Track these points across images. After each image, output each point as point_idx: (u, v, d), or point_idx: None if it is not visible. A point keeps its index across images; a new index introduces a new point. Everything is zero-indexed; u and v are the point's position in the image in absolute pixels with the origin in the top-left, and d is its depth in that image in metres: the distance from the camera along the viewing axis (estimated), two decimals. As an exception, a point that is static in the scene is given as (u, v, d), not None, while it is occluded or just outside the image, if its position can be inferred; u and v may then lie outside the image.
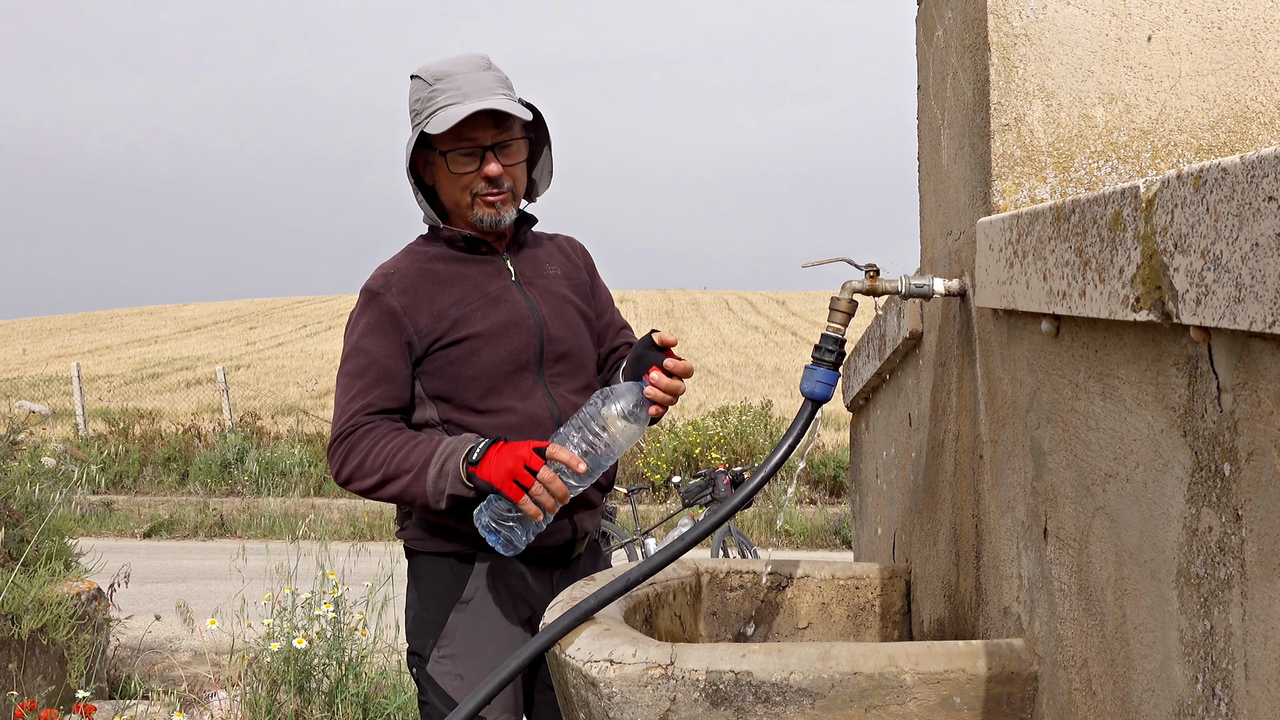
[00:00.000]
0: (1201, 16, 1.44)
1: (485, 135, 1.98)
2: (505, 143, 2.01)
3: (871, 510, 2.53)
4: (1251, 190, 0.72)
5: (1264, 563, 0.77)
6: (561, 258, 2.20)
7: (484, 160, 1.99)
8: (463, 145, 1.98)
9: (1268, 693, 0.77)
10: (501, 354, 2.00)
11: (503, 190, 2.01)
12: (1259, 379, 0.78)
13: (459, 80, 1.98)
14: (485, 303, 2.02)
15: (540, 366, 2.04)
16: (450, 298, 2.01)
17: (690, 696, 1.26)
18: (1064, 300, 1.09)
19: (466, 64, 2.01)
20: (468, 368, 1.98)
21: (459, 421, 1.99)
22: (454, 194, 2.03)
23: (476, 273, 2.06)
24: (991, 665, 1.26)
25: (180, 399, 20.39)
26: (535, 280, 2.11)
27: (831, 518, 10.99)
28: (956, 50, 1.62)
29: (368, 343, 1.99)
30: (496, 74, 2.03)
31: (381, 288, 2.01)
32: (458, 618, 2.01)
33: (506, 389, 2.00)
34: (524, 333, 2.02)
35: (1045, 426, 1.23)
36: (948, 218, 1.71)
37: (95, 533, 10.44)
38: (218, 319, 41.51)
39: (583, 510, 2.08)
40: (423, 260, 2.06)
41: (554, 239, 2.25)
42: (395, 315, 1.98)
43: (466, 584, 2.02)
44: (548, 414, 2.03)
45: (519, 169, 2.05)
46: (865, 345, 2.44)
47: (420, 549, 2.07)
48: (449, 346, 1.99)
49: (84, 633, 4.25)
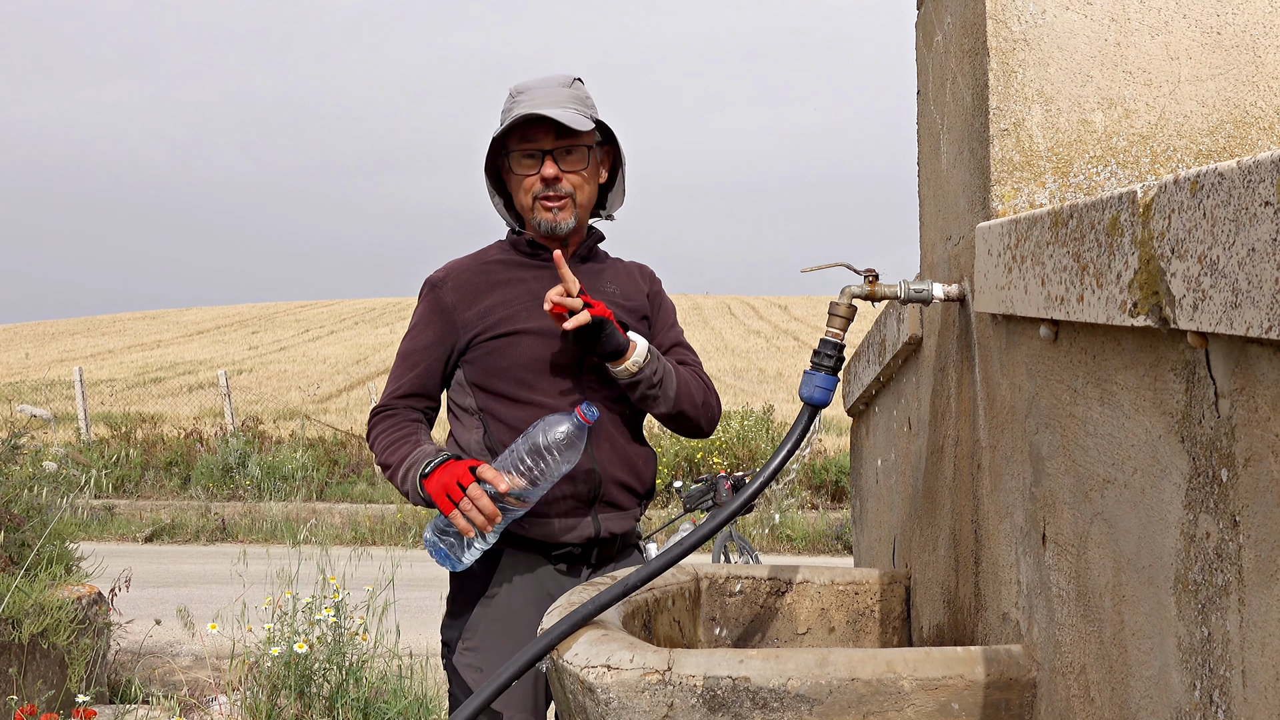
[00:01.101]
0: (1200, 21, 1.43)
1: (546, 140, 2.10)
2: (566, 150, 2.11)
3: (871, 515, 2.52)
4: (1248, 195, 0.72)
5: (1261, 569, 0.77)
6: (625, 279, 2.28)
7: (543, 162, 2.10)
8: (525, 147, 2.11)
9: (1265, 699, 0.76)
10: (540, 351, 2.09)
11: (561, 195, 2.12)
12: (1256, 384, 0.78)
13: (535, 93, 2.12)
14: (534, 306, 2.11)
15: (579, 369, 2.11)
16: (499, 298, 2.12)
17: (688, 702, 1.26)
18: (1062, 305, 1.09)
19: (549, 80, 2.15)
20: (504, 359, 2.09)
21: (493, 410, 2.10)
22: (520, 196, 2.15)
23: (532, 278, 2.15)
24: (990, 671, 1.26)
25: (182, 403, 20.41)
26: (592, 292, 2.16)
27: (833, 523, 10.98)
28: (956, 55, 1.61)
29: (417, 330, 2.17)
30: (574, 91, 2.15)
31: (439, 281, 2.17)
32: (482, 611, 2.09)
33: (542, 385, 2.09)
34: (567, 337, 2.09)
35: (1044, 432, 1.23)
36: (947, 223, 1.70)
37: (97, 537, 10.44)
38: (220, 323, 41.55)
39: (609, 511, 2.12)
40: (484, 261, 2.19)
41: (624, 263, 2.33)
42: (445, 310, 2.13)
43: (493, 579, 2.10)
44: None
45: (581, 179, 2.14)
46: (865, 350, 2.43)
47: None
48: (491, 339, 2.10)
49: (84, 637, 4.25)
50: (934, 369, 1.79)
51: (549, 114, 2.05)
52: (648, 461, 2.22)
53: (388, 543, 10.07)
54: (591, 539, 2.10)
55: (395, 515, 11.28)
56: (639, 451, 2.19)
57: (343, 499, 12.59)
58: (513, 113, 2.10)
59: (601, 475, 2.10)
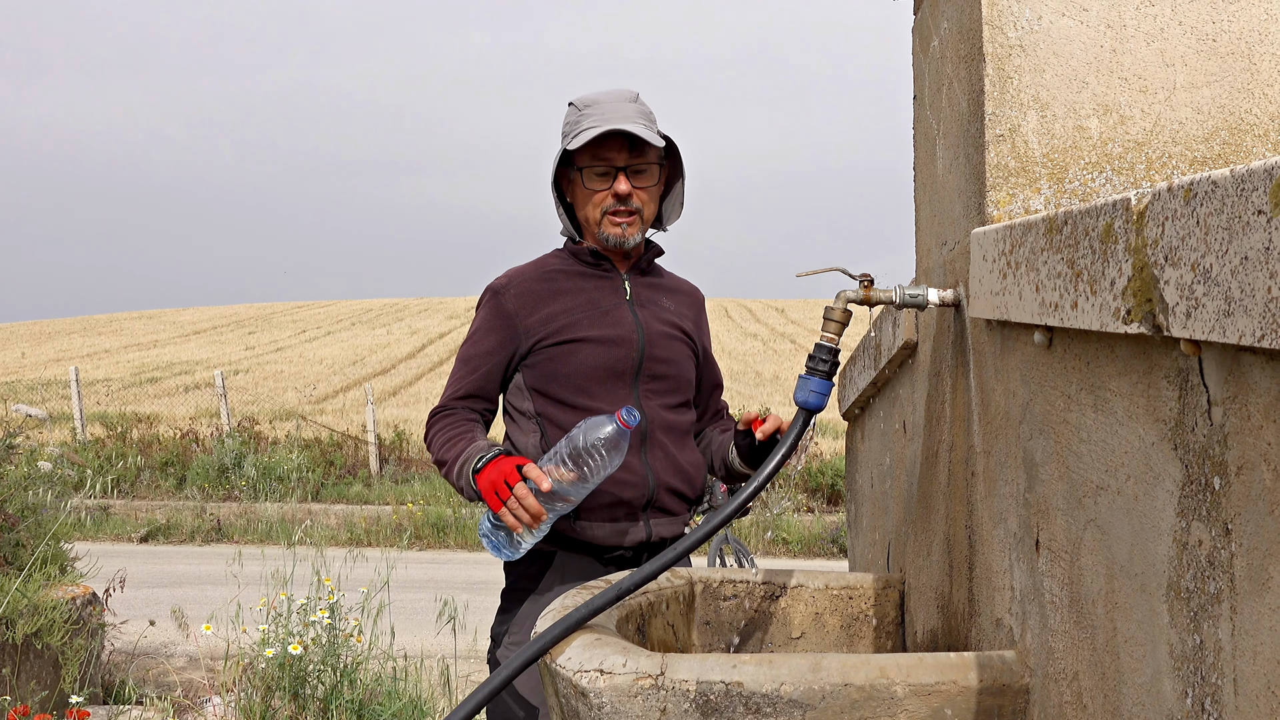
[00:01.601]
0: (1196, 29, 1.44)
1: (619, 157, 2.15)
2: (638, 167, 2.17)
3: (866, 520, 2.52)
4: (1241, 203, 0.72)
5: (1253, 577, 0.77)
6: (681, 297, 2.35)
7: (615, 179, 2.15)
8: (598, 164, 2.15)
9: (1256, 707, 0.76)
10: (600, 359, 2.15)
11: (631, 211, 2.17)
12: (1249, 393, 0.78)
13: (604, 108, 2.15)
14: (596, 314, 2.18)
15: (636, 378, 2.18)
16: (561, 306, 2.18)
17: (681, 707, 1.26)
18: (1056, 312, 1.09)
19: (615, 95, 2.19)
20: (565, 365, 2.14)
21: (550, 415, 2.16)
22: (586, 209, 2.19)
23: (594, 287, 2.22)
24: (983, 677, 1.26)
25: (178, 403, 20.38)
26: (648, 305, 2.26)
27: (829, 526, 10.98)
28: (952, 61, 1.62)
29: (479, 335, 2.21)
30: (640, 107, 2.19)
31: (502, 288, 2.21)
32: (529, 607, 2.15)
33: (599, 392, 2.14)
34: (626, 346, 2.17)
35: (1038, 438, 1.23)
36: (943, 228, 1.71)
37: (92, 537, 10.43)
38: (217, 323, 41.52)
39: (660, 516, 2.20)
40: (546, 270, 2.24)
41: (679, 280, 2.40)
42: (507, 316, 2.18)
43: (545, 577, 2.16)
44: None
45: (649, 195, 2.20)
46: (861, 355, 2.43)
47: None
48: (554, 346, 2.15)
49: (78, 637, 4.24)
50: (929, 374, 1.79)
51: (629, 129, 2.09)
52: (698, 469, 2.30)
53: (383, 544, 10.06)
54: (642, 543, 2.17)
55: (391, 516, 11.28)
56: (691, 459, 2.27)
57: (338, 500, 12.58)
58: (583, 125, 2.14)
59: (655, 482, 2.18)
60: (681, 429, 2.26)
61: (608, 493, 2.11)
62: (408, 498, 12.12)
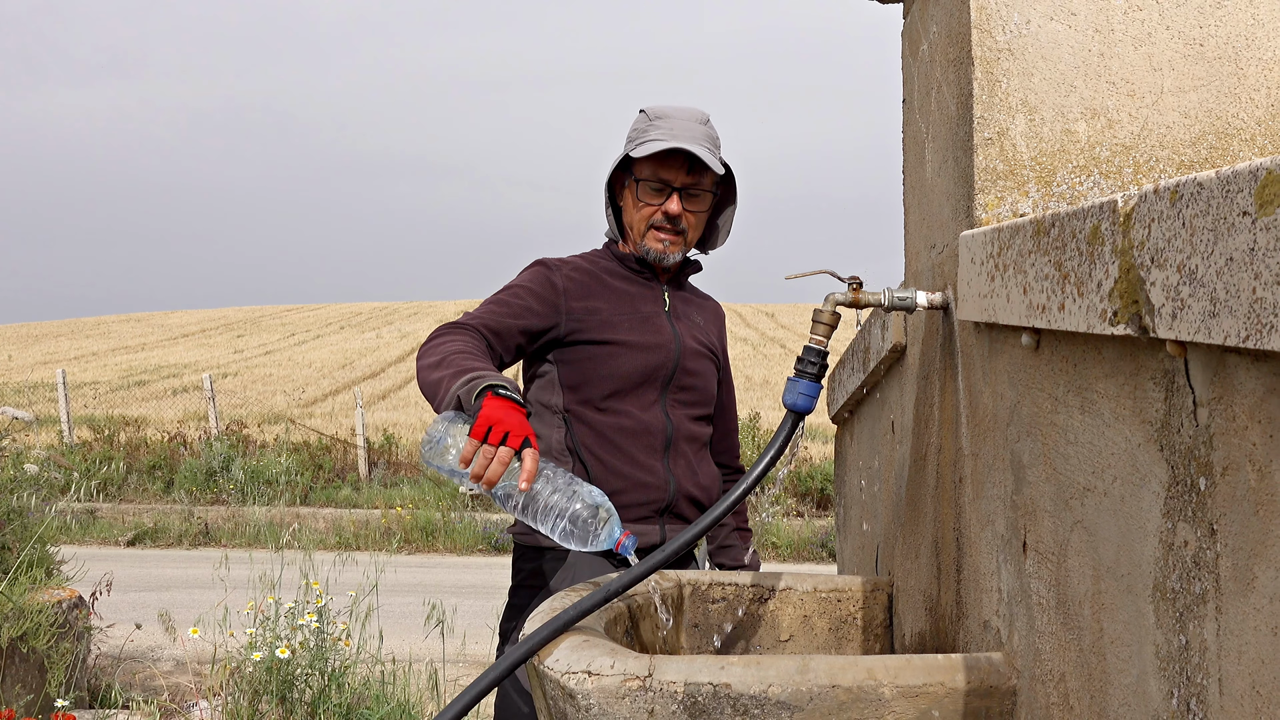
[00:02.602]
0: (1184, 33, 1.44)
1: (678, 176, 2.16)
2: (693, 191, 2.19)
3: (855, 522, 2.52)
4: (1226, 205, 0.72)
5: (1238, 578, 0.77)
6: (710, 315, 2.39)
7: (669, 197, 2.17)
8: (655, 181, 2.17)
9: (1241, 708, 0.77)
10: (636, 365, 2.16)
11: (678, 232, 2.20)
12: (1234, 393, 0.78)
13: (674, 124, 2.17)
14: (637, 319, 2.19)
15: (666, 387, 2.21)
16: (605, 303, 2.18)
17: (669, 709, 1.26)
18: (1044, 314, 1.09)
19: (687, 114, 2.20)
20: (603, 368, 2.14)
21: (579, 413, 2.15)
22: (634, 219, 2.21)
23: (637, 293, 2.24)
24: (970, 679, 1.26)
25: (166, 407, 20.31)
26: (683, 318, 2.29)
27: (818, 530, 10.98)
28: (941, 64, 1.62)
29: (521, 291, 2.14)
30: (709, 130, 2.21)
31: (555, 265, 2.20)
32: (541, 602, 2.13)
33: (630, 397, 2.16)
34: (662, 354, 2.19)
35: (1025, 440, 1.23)
36: (931, 231, 1.71)
37: (79, 540, 10.37)
38: (205, 327, 41.38)
39: (675, 522, 2.21)
40: (596, 265, 2.25)
41: (705, 296, 2.43)
42: (555, 288, 2.15)
43: (556, 575, 2.16)
44: (660, 427, 2.20)
45: (698, 218, 2.23)
46: (850, 358, 2.44)
47: (525, 542, 2.22)
48: (592, 344, 2.14)
49: (64, 641, 4.22)
50: (918, 377, 1.79)
51: (695, 151, 2.10)
52: (715, 482, 2.33)
53: (372, 548, 10.03)
54: (656, 546, 2.17)
55: (380, 520, 11.25)
56: (709, 472, 2.30)
57: (327, 504, 12.54)
58: (650, 136, 2.15)
59: (676, 488, 2.20)
60: (702, 441, 2.30)
61: (629, 494, 2.13)
62: (397, 501, 12.09)
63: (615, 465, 2.16)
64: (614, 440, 2.16)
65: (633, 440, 2.16)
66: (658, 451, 2.19)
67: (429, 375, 1.89)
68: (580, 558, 2.14)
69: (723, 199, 2.32)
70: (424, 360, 1.94)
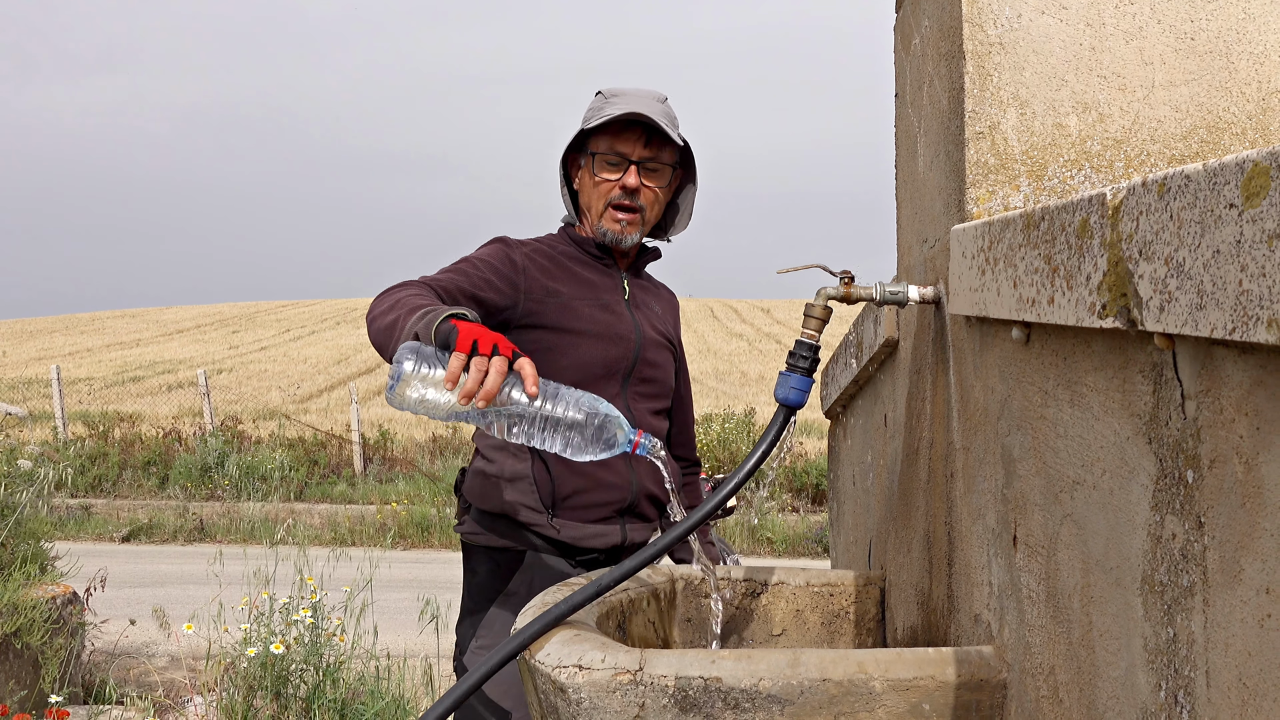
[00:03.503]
0: (1175, 27, 1.44)
1: (635, 150, 2.10)
2: (652, 165, 2.12)
3: (849, 517, 2.53)
4: (1213, 197, 0.72)
5: (1225, 570, 0.77)
6: (666, 304, 2.34)
7: (626, 170, 2.10)
8: (612, 155, 2.10)
9: (1228, 700, 0.77)
10: (597, 355, 2.09)
11: (635, 209, 2.12)
12: (1221, 386, 0.78)
13: (630, 99, 2.10)
14: (597, 306, 2.13)
15: (627, 379, 2.15)
16: (565, 287, 2.11)
17: (659, 703, 1.26)
18: (1033, 307, 1.09)
19: (644, 92, 2.14)
20: (562, 358, 2.06)
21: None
22: (591, 198, 2.14)
23: (597, 280, 2.17)
24: (961, 672, 1.26)
25: (161, 402, 20.28)
26: (642, 307, 2.22)
27: (813, 526, 11.00)
28: (933, 58, 1.62)
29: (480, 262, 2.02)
30: (667, 109, 2.14)
31: (515, 243, 2.12)
32: (499, 610, 2.08)
33: (591, 388, 2.04)
34: (623, 345, 2.13)
35: (1016, 434, 1.24)
36: (923, 225, 1.71)
37: (74, 536, 10.36)
38: (200, 322, 41.33)
39: (636, 522, 2.16)
40: (554, 249, 2.17)
41: (660, 285, 2.37)
42: (516, 266, 2.06)
43: (514, 578, 2.08)
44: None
45: (656, 196, 2.15)
46: (843, 353, 2.44)
47: (476, 543, 2.14)
48: (549, 331, 2.06)
49: (58, 637, 4.21)
50: (910, 371, 1.80)
51: (653, 118, 2.04)
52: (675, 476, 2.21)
53: (367, 544, 10.03)
54: (617, 546, 2.13)
55: (375, 516, 11.25)
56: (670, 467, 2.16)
57: (322, 499, 12.54)
58: (604, 112, 2.08)
59: (638, 487, 2.14)
60: (663, 435, 2.24)
61: (591, 493, 2.08)
62: (392, 497, 12.09)
63: (577, 464, 2.06)
64: None
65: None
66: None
67: (381, 323, 1.74)
68: (537, 559, 2.09)
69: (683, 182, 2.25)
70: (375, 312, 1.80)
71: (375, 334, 1.75)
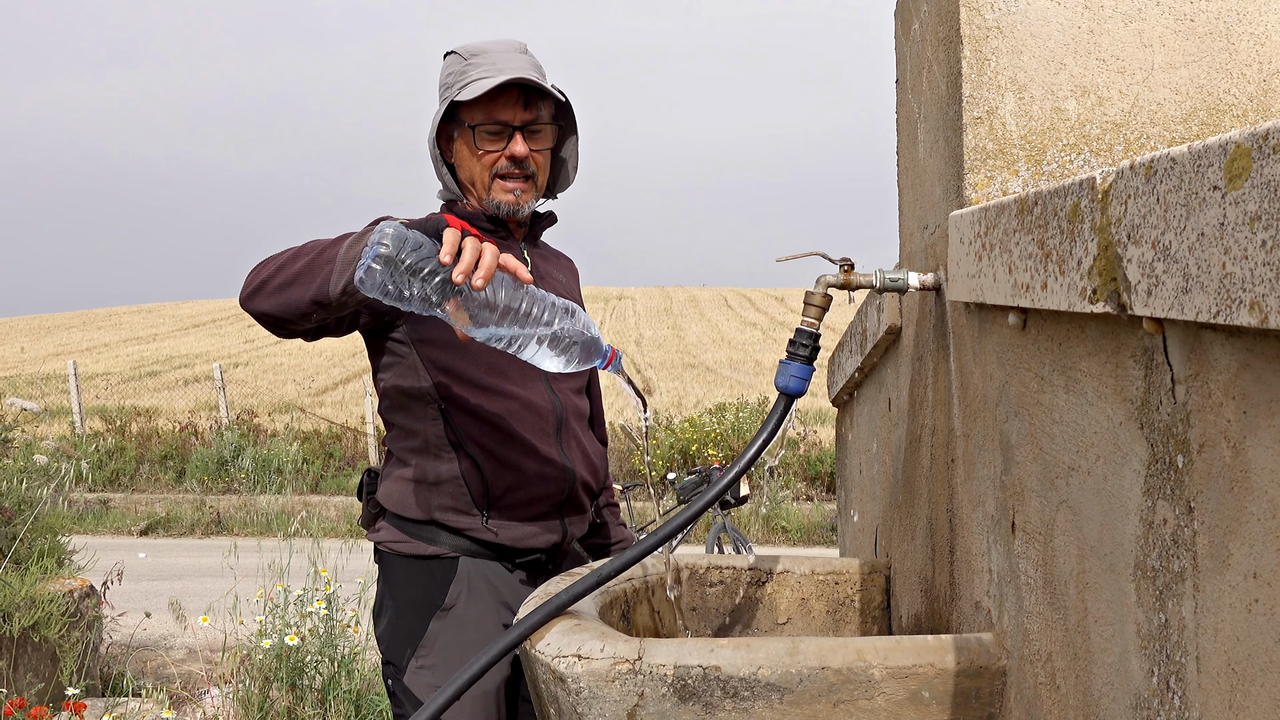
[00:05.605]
0: (1174, 9, 1.43)
1: (515, 115, 1.93)
2: (535, 127, 1.96)
3: (855, 505, 2.52)
4: (1198, 180, 0.72)
5: (1214, 555, 0.77)
6: (568, 272, 2.18)
7: (510, 139, 1.93)
8: (492, 124, 1.93)
9: (1218, 685, 0.76)
10: None
11: (526, 175, 1.96)
12: (1209, 370, 0.77)
13: (494, 58, 1.93)
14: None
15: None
16: None
17: (658, 691, 1.26)
18: (1028, 293, 1.09)
19: (503, 45, 1.97)
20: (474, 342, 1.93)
21: (455, 397, 1.91)
22: (474, 172, 1.96)
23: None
24: (960, 660, 1.26)
25: (178, 397, 20.41)
26: (546, 278, 2.06)
27: (828, 514, 10.99)
28: (931, 43, 1.61)
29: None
30: (531, 59, 1.98)
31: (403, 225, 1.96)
32: (438, 625, 1.92)
33: (511, 371, 1.94)
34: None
35: (1013, 420, 1.23)
36: (924, 212, 1.70)
37: (92, 530, 10.45)
38: (216, 317, 41.52)
39: (574, 515, 2.04)
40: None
41: (562, 254, 2.21)
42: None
43: (449, 590, 1.92)
44: (548, 405, 1.99)
45: (544, 157, 2.00)
46: (848, 341, 2.43)
47: (396, 551, 1.97)
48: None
49: (75, 630, 4.25)
50: (912, 358, 1.79)
51: (531, 79, 1.88)
52: (603, 459, 2.14)
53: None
54: (558, 544, 2.02)
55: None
56: (595, 449, 2.10)
57: (338, 492, 12.60)
58: (471, 76, 1.91)
59: (574, 477, 2.01)
60: (586, 415, 2.10)
61: (527, 488, 1.94)
62: (407, 489, 12.12)
63: (510, 458, 1.93)
64: (503, 428, 1.93)
65: (524, 425, 1.93)
66: (551, 436, 1.97)
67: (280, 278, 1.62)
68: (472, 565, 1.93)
69: (564, 130, 2.07)
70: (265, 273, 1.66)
71: (283, 282, 1.62)
